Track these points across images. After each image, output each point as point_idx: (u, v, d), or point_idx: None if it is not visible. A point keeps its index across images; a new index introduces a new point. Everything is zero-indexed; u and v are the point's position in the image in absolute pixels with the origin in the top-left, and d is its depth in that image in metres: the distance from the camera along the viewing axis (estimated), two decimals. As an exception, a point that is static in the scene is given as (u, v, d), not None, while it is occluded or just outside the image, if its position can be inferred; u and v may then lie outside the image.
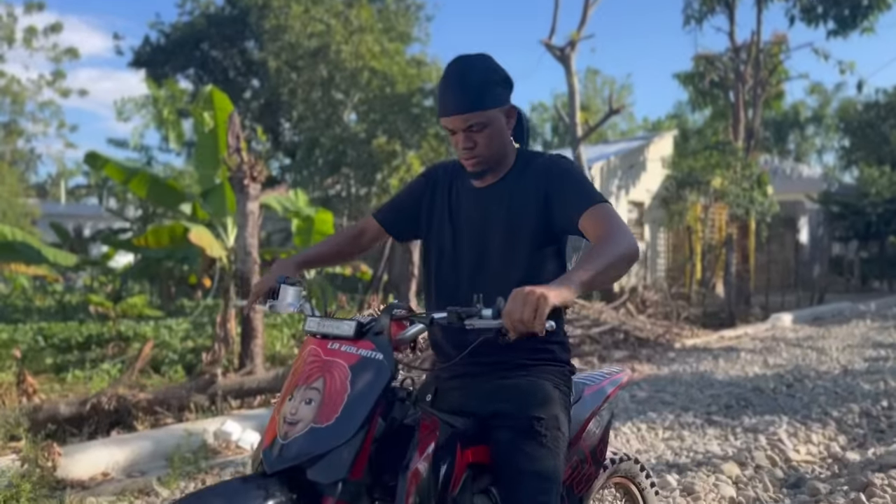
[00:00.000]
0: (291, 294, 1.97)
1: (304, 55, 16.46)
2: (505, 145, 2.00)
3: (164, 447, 4.58)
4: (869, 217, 22.06)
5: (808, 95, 43.23)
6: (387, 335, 1.66)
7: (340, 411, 1.54)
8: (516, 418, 1.86)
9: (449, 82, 1.93)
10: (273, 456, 1.55)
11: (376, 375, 1.59)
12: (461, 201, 2.08)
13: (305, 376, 1.62)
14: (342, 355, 1.63)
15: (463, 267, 2.03)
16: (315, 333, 1.73)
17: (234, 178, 7.13)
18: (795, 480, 4.03)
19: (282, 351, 8.80)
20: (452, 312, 1.64)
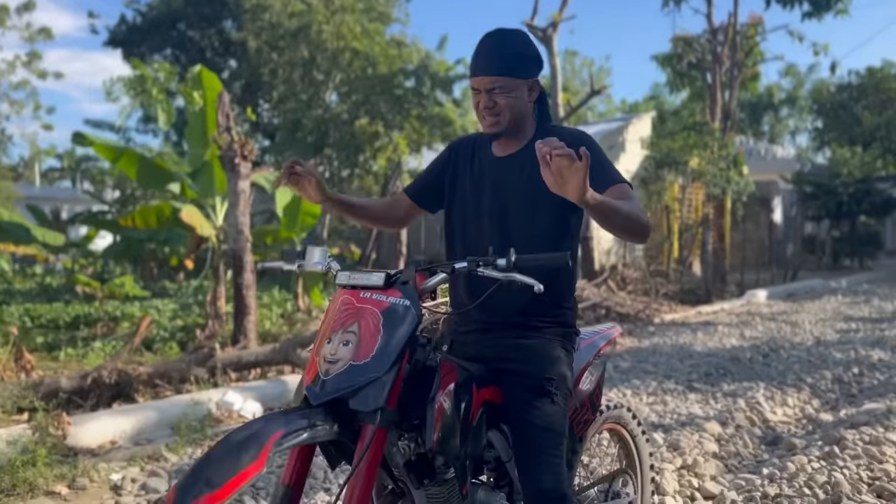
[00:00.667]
0: (318, 253, 2.12)
1: (284, 35, 16.42)
2: (524, 115, 2.16)
3: (168, 417, 4.73)
4: (840, 197, 22.54)
5: (782, 77, 43.82)
6: (412, 284, 1.84)
7: (375, 350, 1.72)
8: (531, 377, 2.04)
9: (483, 46, 2.12)
10: (317, 390, 1.73)
11: (405, 319, 1.77)
12: (483, 169, 2.23)
13: (341, 322, 1.80)
14: (374, 303, 1.80)
15: (486, 232, 2.18)
16: (346, 286, 1.90)
17: (224, 157, 7.21)
18: (773, 438, 4.29)
19: (272, 329, 8.95)
20: (472, 261, 1.85)
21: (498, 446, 2.09)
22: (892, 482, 3.36)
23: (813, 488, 3.27)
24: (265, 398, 5.28)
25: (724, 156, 15.89)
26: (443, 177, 2.33)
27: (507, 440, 2.08)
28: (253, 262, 7.37)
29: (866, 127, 27.90)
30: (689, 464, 3.70)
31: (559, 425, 2.03)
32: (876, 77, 28.81)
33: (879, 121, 27.70)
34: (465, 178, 2.27)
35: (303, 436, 1.63)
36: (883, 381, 5.96)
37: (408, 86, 16.42)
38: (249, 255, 7.22)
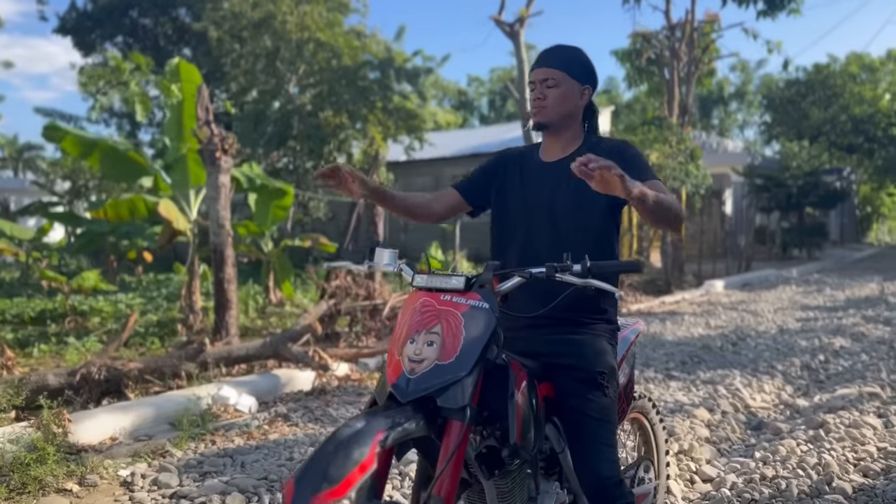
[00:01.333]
0: (388, 255, 2.23)
1: (247, 26, 16.24)
2: (570, 113, 2.31)
3: (165, 412, 4.74)
4: (790, 189, 23.28)
5: (731, 72, 44.91)
6: (490, 287, 1.95)
7: (459, 350, 1.81)
8: (584, 371, 2.18)
9: (547, 48, 2.34)
10: (405, 388, 1.81)
11: (485, 321, 1.87)
12: (531, 175, 2.37)
13: (423, 323, 1.88)
14: (455, 305, 1.90)
15: (538, 235, 2.31)
16: (425, 288, 1.98)
17: (205, 151, 7.18)
18: (757, 423, 4.52)
19: (246, 323, 8.93)
20: (550, 266, 1.95)
21: (552, 438, 2.21)
22: (875, 462, 3.60)
23: (806, 469, 3.49)
24: (259, 392, 5.32)
25: (683, 150, 16.30)
26: (492, 181, 2.45)
27: (558, 432, 2.20)
28: (234, 255, 7.36)
29: (813, 122, 28.86)
30: (686, 448, 3.90)
31: (612, 415, 2.16)
32: (822, 73, 29.81)
33: (825, 116, 28.68)
34: (514, 185, 2.39)
35: (400, 432, 1.71)
36: (847, 367, 6.27)
37: (372, 78, 16.40)
38: (231, 249, 7.21)
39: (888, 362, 6.28)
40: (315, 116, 16.27)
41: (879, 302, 10.98)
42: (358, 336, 7.38)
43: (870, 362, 6.31)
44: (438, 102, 30.49)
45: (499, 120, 39.13)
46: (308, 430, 4.52)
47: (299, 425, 4.64)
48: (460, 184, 2.54)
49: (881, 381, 5.54)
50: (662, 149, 15.99)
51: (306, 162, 16.72)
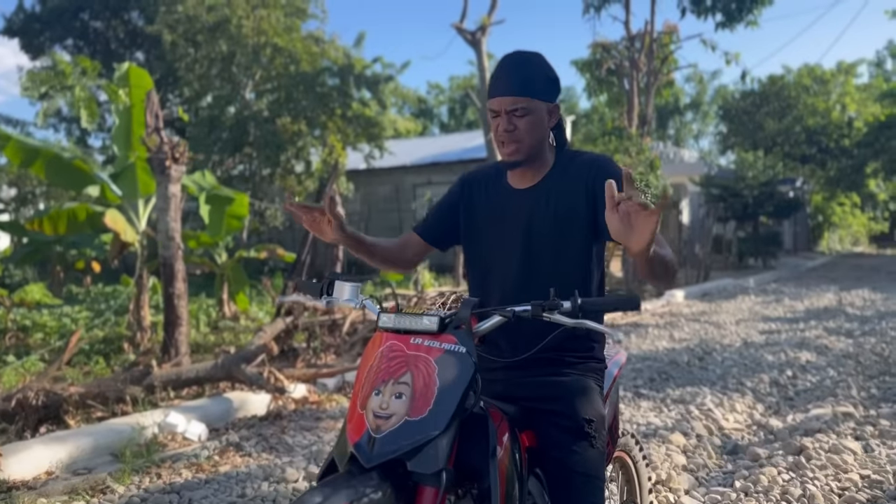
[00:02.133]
0: (349, 290, 1.98)
1: (202, 29, 15.79)
2: (542, 139, 2.06)
3: (107, 442, 4.40)
4: (745, 199, 23.58)
5: (686, 83, 45.62)
6: (467, 328, 1.69)
7: (432, 404, 1.56)
8: (569, 419, 1.93)
9: (502, 68, 2.02)
10: (369, 450, 1.55)
11: (461, 368, 1.61)
12: (502, 202, 2.12)
13: (391, 371, 1.63)
14: (426, 349, 1.64)
15: (511, 267, 2.07)
16: (392, 329, 1.73)
17: (154, 160, 6.82)
18: (732, 447, 4.36)
19: (198, 339, 8.56)
20: (536, 305, 1.70)
21: (535, 494, 1.96)
22: (860, 491, 3.46)
23: (791, 502, 3.32)
24: (209, 418, 5.00)
25: (643, 160, 16.34)
26: (456, 213, 2.21)
27: (542, 486, 1.96)
28: (184, 269, 7.01)
29: (768, 132, 29.37)
30: (664, 479, 3.71)
31: (600, 470, 1.93)
32: (777, 85, 30.37)
33: (780, 127, 29.21)
34: (483, 214, 2.15)
35: None
36: (816, 382, 6.20)
37: (331, 84, 16.09)
38: (181, 262, 6.86)
39: (857, 378, 6.21)
40: (272, 123, 15.88)
41: (838, 313, 11.05)
42: (316, 353, 7.08)
43: (838, 378, 6.24)
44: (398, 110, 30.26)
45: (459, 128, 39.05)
46: (262, 461, 4.23)
47: (252, 455, 4.34)
48: (420, 228, 2.29)
49: (852, 398, 5.45)
50: (623, 159, 15.99)
51: (263, 169, 16.31)
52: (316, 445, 4.49)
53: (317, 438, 4.65)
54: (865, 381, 6.15)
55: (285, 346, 7.19)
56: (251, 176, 16.46)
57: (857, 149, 25.81)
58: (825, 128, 29.00)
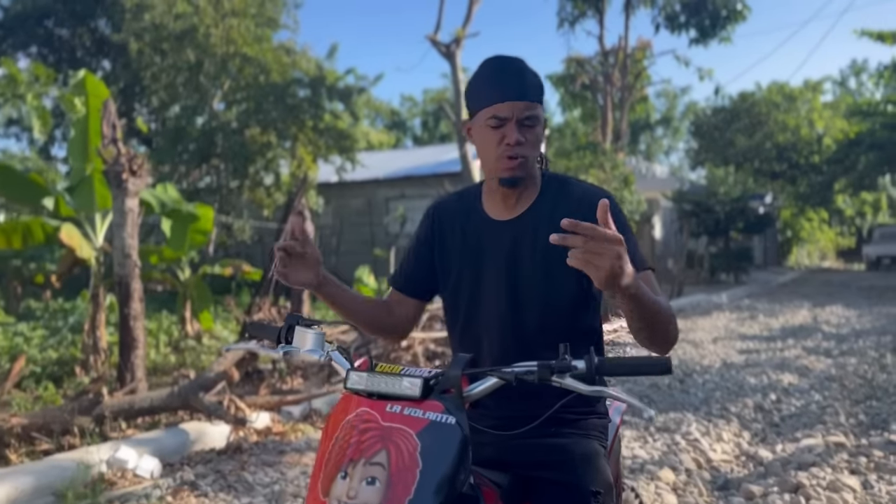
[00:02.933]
0: (312, 339, 1.64)
1: (169, 38, 15.38)
2: (537, 159, 1.80)
3: (49, 481, 4.02)
4: (717, 215, 23.64)
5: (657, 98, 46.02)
6: (458, 392, 1.38)
7: (413, 493, 1.24)
8: (574, 491, 1.64)
9: (505, 70, 1.72)
10: None
11: (450, 444, 1.29)
12: (480, 236, 1.83)
13: (360, 448, 1.30)
14: (406, 420, 1.32)
15: (494, 313, 1.79)
16: (363, 392, 1.41)
17: (110, 172, 6.44)
18: (723, 482, 4.12)
19: (158, 360, 8.16)
20: (544, 368, 1.39)
21: None
22: (865, 536, 3.22)
23: (793, 550, 3.08)
24: (163, 452, 4.63)
25: (617, 175, 16.26)
26: (431, 255, 1.90)
27: None
28: (142, 288, 6.62)
29: (739, 148, 29.58)
30: (654, 522, 3.44)
31: None
32: (747, 101, 30.64)
33: (750, 143, 29.43)
34: (456, 252, 1.85)
35: None
36: (801, 407, 6.00)
37: (302, 95, 15.76)
38: (138, 281, 6.47)
39: (843, 403, 6.03)
40: (240, 134, 15.50)
41: (815, 331, 10.95)
42: (282, 376, 6.73)
43: (824, 403, 6.05)
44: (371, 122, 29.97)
45: (432, 141, 38.85)
46: (218, 503, 3.88)
47: (209, 495, 3.99)
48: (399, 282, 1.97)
49: (842, 426, 5.26)
50: (597, 174, 15.90)
51: (230, 181, 15.90)
52: (278, 484, 4.15)
53: (279, 475, 4.32)
54: (852, 405, 5.97)
55: (249, 368, 6.82)
56: (218, 188, 16.04)
57: (827, 165, 26.10)
58: (795, 144, 29.30)
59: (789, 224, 35.71)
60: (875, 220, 40.92)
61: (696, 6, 15.75)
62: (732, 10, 15.58)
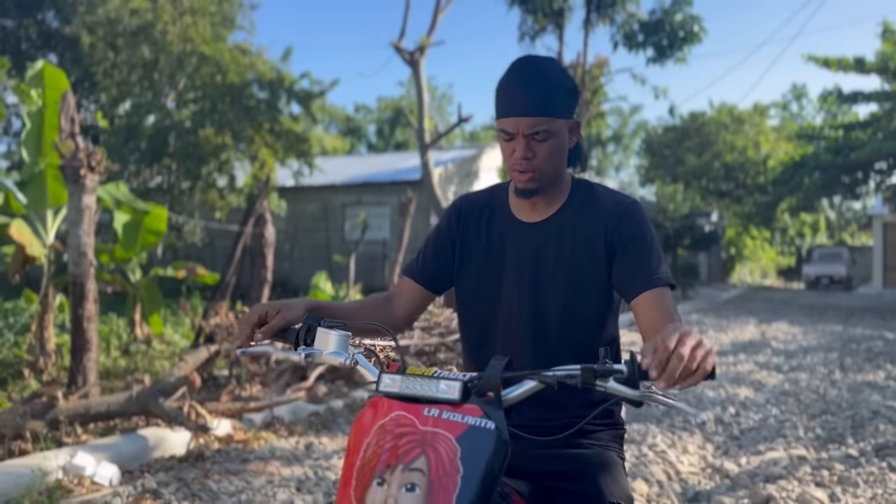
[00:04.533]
0: (336, 340, 1.56)
1: (123, 33, 14.98)
2: (562, 165, 1.76)
3: (2, 488, 3.81)
4: (667, 231, 24.14)
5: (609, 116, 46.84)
6: (497, 396, 1.34)
7: (455, 499, 1.20)
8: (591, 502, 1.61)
9: (518, 80, 1.68)
10: None
11: (490, 449, 1.26)
12: (504, 237, 1.81)
13: (398, 454, 1.26)
14: (445, 425, 1.28)
15: (513, 314, 1.76)
16: (397, 396, 1.36)
17: (67, 167, 6.20)
18: (693, 495, 4.16)
19: (107, 364, 7.88)
20: (587, 370, 1.35)
21: None
22: (837, 548, 3.27)
23: (772, 562, 3.10)
24: (121, 459, 4.44)
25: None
26: (451, 249, 1.86)
27: None
28: (96, 289, 6.38)
29: (688, 167, 30.28)
30: (632, 533, 3.44)
31: None
32: (698, 121, 31.43)
33: (700, 162, 30.16)
34: (479, 249, 1.82)
35: None
36: (759, 420, 6.12)
37: (261, 97, 15.52)
38: (93, 281, 6.24)
39: (801, 417, 6.17)
40: (194, 134, 15.16)
41: (764, 346, 11.21)
42: (240, 383, 6.56)
43: (782, 417, 6.18)
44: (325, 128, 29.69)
45: (387, 148, 38.74)
46: (184, 512, 3.74)
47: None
48: (414, 269, 1.91)
49: (802, 439, 5.37)
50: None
51: (182, 182, 15.53)
52: (245, 493, 4.02)
53: (245, 484, 4.18)
54: (809, 420, 6.11)
55: (205, 375, 6.64)
56: (170, 188, 15.65)
57: (773, 186, 26.92)
58: (742, 165, 30.15)
59: (733, 242, 36.69)
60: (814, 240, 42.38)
61: (654, 26, 16.08)
62: (689, 31, 15.96)
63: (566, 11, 16.00)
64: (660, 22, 15.88)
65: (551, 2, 15.48)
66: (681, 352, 1.23)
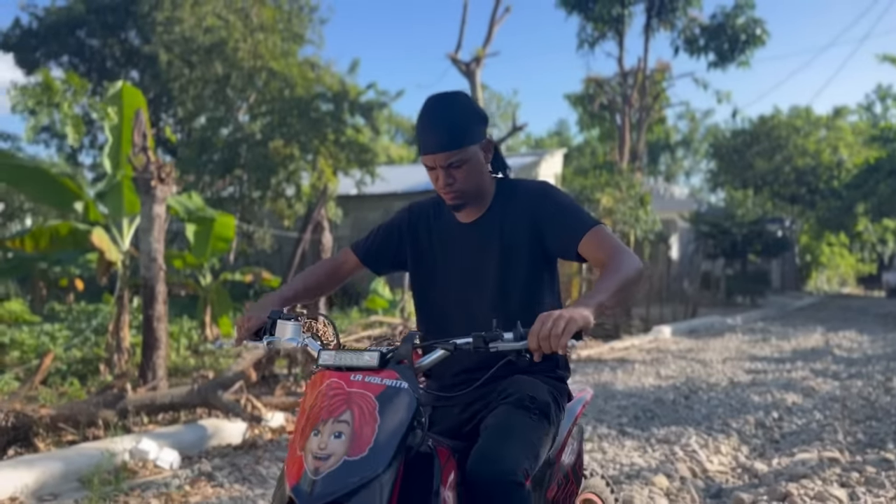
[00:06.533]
0: (291, 329, 1.95)
1: (198, 50, 15.80)
2: (483, 179, 2.10)
3: (76, 467, 4.27)
4: (734, 237, 23.69)
5: (678, 120, 46.06)
6: (409, 363, 1.70)
7: (373, 442, 1.54)
8: (513, 396, 1.96)
9: (429, 121, 2.03)
10: (307, 491, 1.52)
11: (403, 404, 1.61)
12: (449, 236, 2.17)
13: (330, 409, 1.60)
14: (367, 386, 1.63)
15: (458, 297, 2.12)
16: (332, 367, 1.71)
17: (139, 179, 6.74)
18: (716, 491, 4.28)
19: (178, 362, 8.41)
20: (478, 337, 1.71)
21: None
22: (845, 542, 3.37)
23: (774, 551, 3.23)
24: (182, 445, 4.87)
25: (633, 195, 16.41)
26: (399, 243, 2.24)
27: None
28: (166, 291, 6.90)
29: (758, 171, 29.59)
30: (645, 523, 3.61)
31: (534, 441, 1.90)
32: (767, 125, 30.68)
33: (770, 166, 29.44)
34: (430, 247, 2.19)
35: None
36: (801, 425, 6.12)
37: (325, 110, 16.11)
38: (163, 284, 6.75)
39: (843, 422, 6.14)
40: (264, 146, 15.84)
41: (825, 354, 11.01)
42: (297, 380, 6.96)
43: (825, 422, 6.17)
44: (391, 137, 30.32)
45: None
46: (233, 493, 4.10)
47: (224, 486, 4.22)
48: (361, 247, 2.30)
49: (839, 443, 5.38)
50: (613, 193, 16.06)
51: (253, 192, 16.23)
52: (290, 477, 4.36)
53: (292, 470, 4.53)
54: (852, 425, 6.09)
55: (266, 373, 7.07)
56: (241, 198, 16.37)
57: (846, 190, 26.05)
58: (815, 169, 29.27)
59: (809, 248, 35.56)
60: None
61: (716, 30, 15.93)
62: (751, 34, 15.75)
63: (626, 18, 16.01)
64: (721, 26, 15.73)
65: (610, 8, 15.52)
66: (548, 323, 1.61)
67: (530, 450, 1.87)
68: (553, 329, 1.59)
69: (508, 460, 1.78)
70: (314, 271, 2.30)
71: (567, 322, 1.60)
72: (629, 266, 1.87)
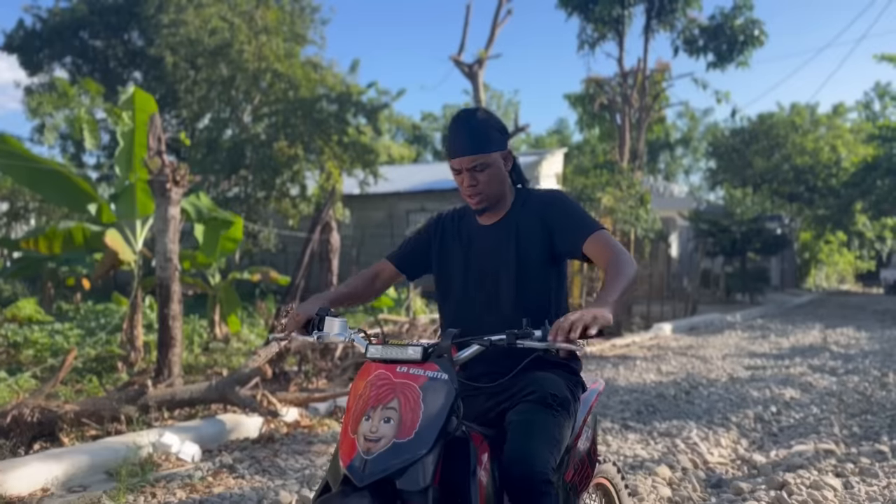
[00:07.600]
0: (338, 325, 2.17)
1: (203, 52, 15.99)
2: (504, 184, 2.33)
3: (102, 460, 4.45)
4: (734, 235, 23.87)
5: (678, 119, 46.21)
6: (449, 357, 1.89)
7: (419, 426, 1.74)
8: (536, 393, 2.16)
9: (456, 129, 2.28)
10: (361, 470, 1.71)
11: (444, 393, 1.82)
12: (471, 238, 2.39)
13: (379, 398, 1.81)
14: (412, 377, 1.84)
15: (479, 293, 2.33)
16: (379, 359, 1.91)
17: (155, 182, 6.93)
18: (716, 481, 4.47)
19: (190, 360, 8.59)
20: (510, 334, 1.91)
21: None
22: (838, 527, 3.56)
23: (771, 535, 3.42)
24: (202, 439, 5.06)
25: (633, 194, 16.57)
26: (429, 247, 2.48)
27: None
28: (180, 291, 7.08)
29: (757, 170, 29.77)
30: (649, 510, 3.80)
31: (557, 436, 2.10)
32: (766, 124, 30.85)
33: (769, 164, 29.62)
34: (454, 248, 2.42)
35: None
36: (799, 419, 6.31)
37: (330, 110, 16.30)
38: (178, 284, 6.94)
39: (839, 416, 6.33)
40: (269, 146, 16.04)
41: (823, 350, 11.20)
42: (308, 377, 7.15)
43: (821, 416, 6.36)
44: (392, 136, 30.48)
45: (453, 156, 39.29)
46: (255, 484, 4.29)
47: (245, 477, 4.41)
48: (395, 256, 2.55)
49: (835, 436, 5.57)
50: (614, 192, 16.22)
51: (258, 192, 16.44)
52: (308, 469, 4.56)
53: (309, 462, 4.72)
54: (848, 419, 6.28)
55: (277, 370, 7.25)
56: (246, 198, 16.58)
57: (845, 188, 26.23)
58: (813, 167, 29.47)
59: (807, 246, 35.75)
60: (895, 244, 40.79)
61: (715, 31, 16.11)
62: (750, 35, 15.94)
63: (626, 19, 16.19)
64: (720, 27, 15.91)
65: (611, 10, 15.70)
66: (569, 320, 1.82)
67: (555, 445, 2.10)
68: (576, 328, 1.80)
69: (538, 461, 2.00)
70: (354, 281, 2.54)
71: (592, 319, 1.81)
72: (630, 268, 2.10)
